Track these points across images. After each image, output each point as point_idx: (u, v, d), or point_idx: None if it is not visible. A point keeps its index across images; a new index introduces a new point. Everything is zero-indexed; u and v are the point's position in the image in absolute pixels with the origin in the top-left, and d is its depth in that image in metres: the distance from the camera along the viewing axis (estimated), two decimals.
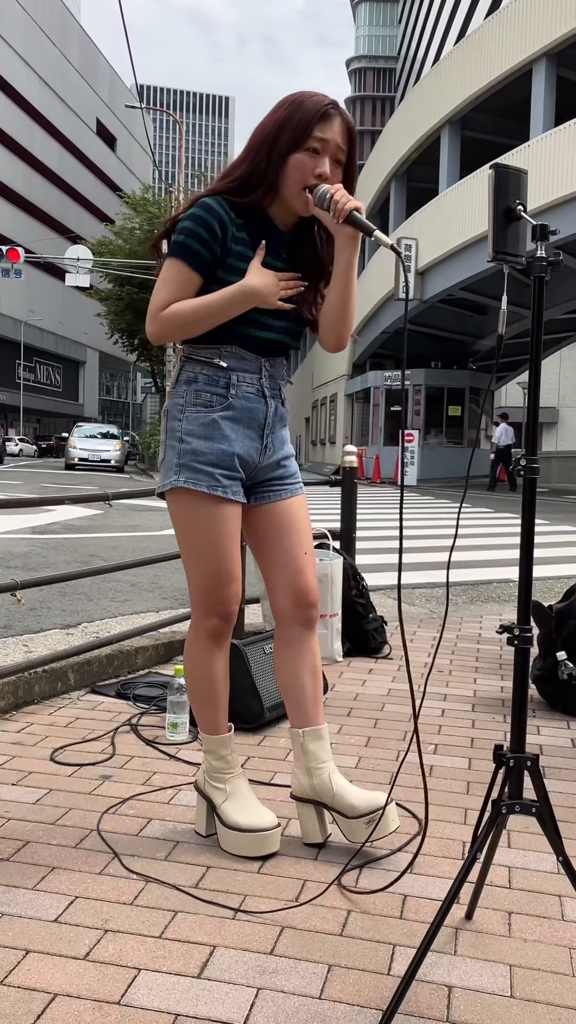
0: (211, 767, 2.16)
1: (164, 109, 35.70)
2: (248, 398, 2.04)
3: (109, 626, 4.36)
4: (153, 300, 1.96)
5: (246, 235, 1.97)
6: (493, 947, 1.72)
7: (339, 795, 2.11)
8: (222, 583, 2.06)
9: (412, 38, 64.53)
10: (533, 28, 19.40)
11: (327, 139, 1.93)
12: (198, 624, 2.11)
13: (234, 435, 2.03)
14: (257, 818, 2.08)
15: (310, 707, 2.16)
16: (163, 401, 26.67)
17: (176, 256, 1.94)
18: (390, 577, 6.58)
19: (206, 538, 2.03)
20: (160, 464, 2.09)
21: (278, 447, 2.14)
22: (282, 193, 1.97)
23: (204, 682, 2.14)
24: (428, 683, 3.67)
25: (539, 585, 6.43)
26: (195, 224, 1.92)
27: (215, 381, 2.01)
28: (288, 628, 2.16)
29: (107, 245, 32.58)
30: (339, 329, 2.07)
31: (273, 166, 1.94)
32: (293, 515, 2.15)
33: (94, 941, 1.69)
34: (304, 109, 1.92)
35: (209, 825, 2.16)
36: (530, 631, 1.66)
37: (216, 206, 1.93)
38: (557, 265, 1.60)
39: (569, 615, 3.36)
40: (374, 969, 1.64)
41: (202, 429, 2.01)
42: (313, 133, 1.91)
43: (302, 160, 1.93)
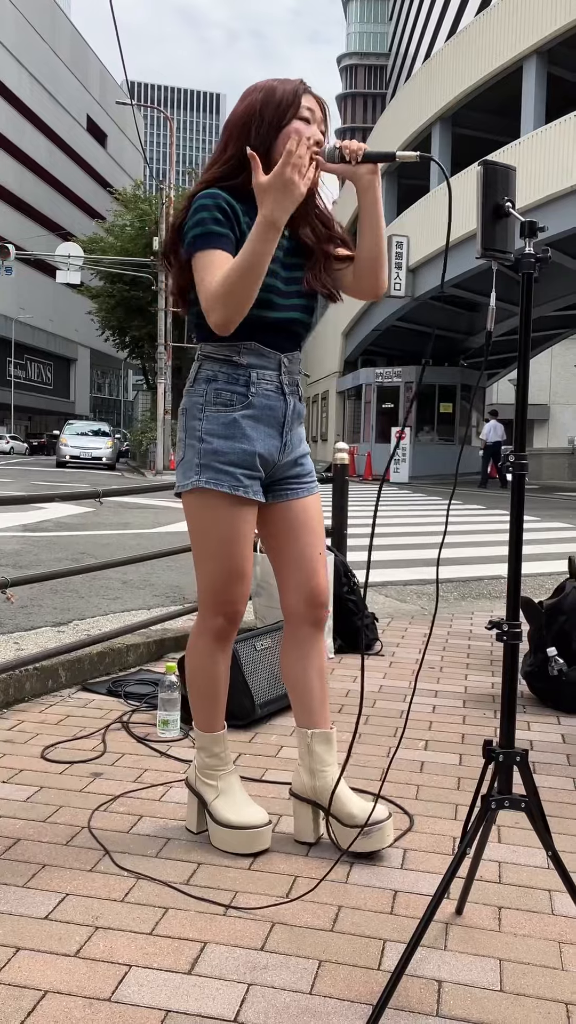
0: (203, 764, 2.16)
1: (155, 106, 35.59)
2: (268, 396, 2.02)
3: (100, 624, 4.35)
4: (202, 292, 1.88)
5: (248, 219, 1.95)
6: (483, 942, 1.73)
7: (339, 802, 2.10)
8: (232, 583, 2.04)
9: (403, 34, 64.54)
10: (524, 25, 19.42)
11: (313, 110, 1.97)
12: (204, 622, 2.09)
13: (255, 434, 2.01)
14: (248, 815, 2.08)
15: (318, 709, 2.16)
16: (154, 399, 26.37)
17: (204, 247, 1.90)
18: (382, 574, 6.59)
19: (223, 538, 2.01)
20: (178, 463, 2.07)
21: (296, 445, 2.12)
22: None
23: (205, 680, 2.13)
24: (420, 679, 3.68)
25: (530, 582, 6.45)
26: (208, 212, 1.91)
27: (235, 379, 2.00)
28: (299, 627, 2.16)
29: (98, 242, 32.50)
30: (376, 272, 2.04)
31: (263, 141, 1.93)
32: (309, 515, 2.14)
33: (85, 938, 1.69)
34: (284, 86, 1.95)
35: (200, 822, 2.16)
36: (519, 627, 1.66)
37: (217, 192, 1.93)
38: (545, 262, 1.60)
39: (559, 611, 3.37)
40: (364, 964, 1.64)
41: (223, 429, 1.99)
42: (301, 104, 1.95)
43: (298, 127, 1.93)
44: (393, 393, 28.78)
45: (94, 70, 63.49)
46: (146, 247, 28.34)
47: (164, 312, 25.42)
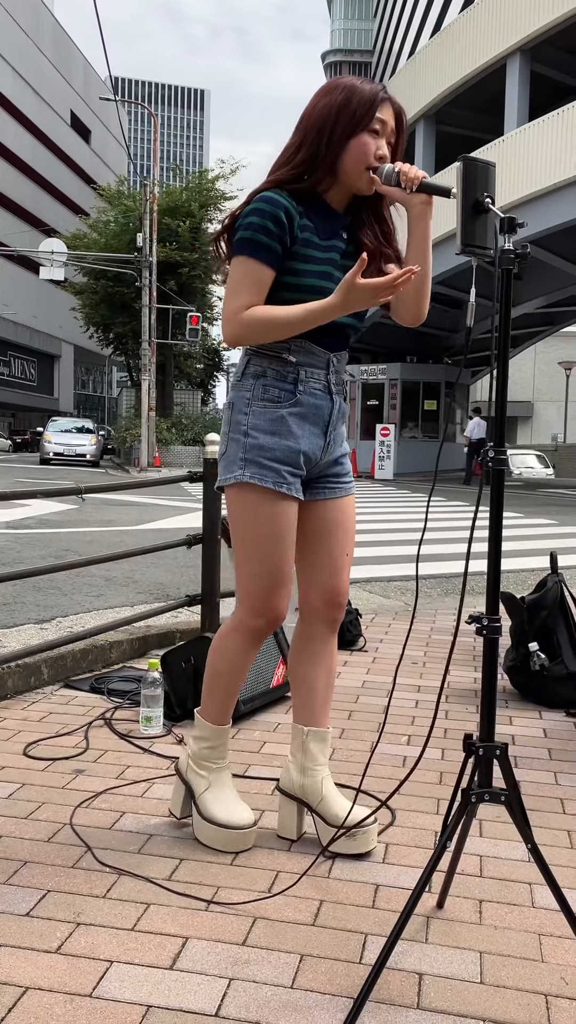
0: (199, 753, 2.14)
1: (139, 102, 35.39)
2: (315, 395, 2.01)
3: (83, 620, 4.34)
4: (229, 303, 1.91)
5: (309, 222, 1.95)
6: (464, 935, 1.74)
7: (326, 802, 2.11)
8: (276, 585, 2.01)
9: (387, 32, 64.49)
10: (508, 23, 19.47)
11: (385, 121, 1.94)
12: (243, 621, 2.05)
13: (300, 432, 2.00)
14: (236, 815, 2.07)
15: (319, 708, 2.16)
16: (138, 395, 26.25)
17: (247, 253, 1.90)
18: (365, 570, 6.61)
19: (266, 535, 1.99)
20: (221, 457, 2.05)
21: (338, 444, 2.11)
22: (342, 175, 1.95)
23: (228, 674, 2.10)
24: (402, 675, 3.69)
25: (512, 577, 6.48)
26: (261, 218, 1.89)
27: (283, 376, 1.98)
28: (313, 625, 2.15)
29: (82, 238, 32.34)
30: (419, 303, 2.02)
31: (334, 148, 1.92)
32: (343, 515, 2.13)
33: (66, 934, 1.69)
34: (362, 93, 1.91)
35: (184, 809, 2.16)
36: (499, 621, 1.67)
37: (279, 197, 1.91)
38: (525, 258, 1.61)
39: (541, 606, 3.39)
40: (346, 958, 1.65)
41: (269, 424, 1.98)
42: (375, 115, 1.92)
43: (365, 141, 1.91)
44: (378, 390, 28.82)
45: (77, 66, 63.17)
46: (130, 243, 28.22)
47: (148, 308, 25.33)
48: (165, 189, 31.02)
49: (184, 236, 28.97)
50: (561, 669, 3.27)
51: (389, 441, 24.45)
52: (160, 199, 27.83)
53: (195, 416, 33.05)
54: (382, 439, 24.46)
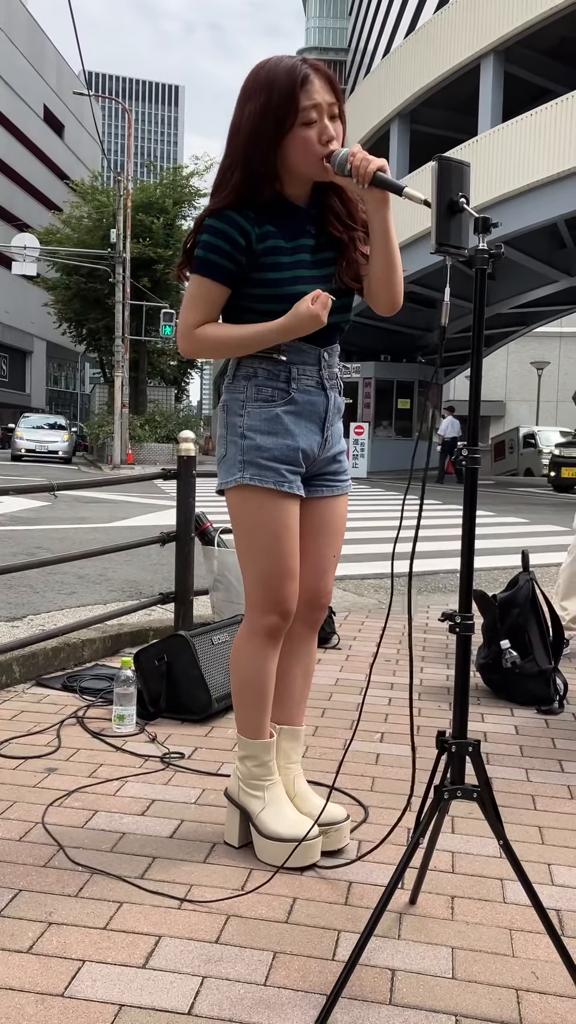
0: (249, 773, 2.08)
1: (113, 97, 35.20)
2: (308, 391, 2.00)
3: (55, 618, 4.31)
4: (182, 317, 1.94)
5: (271, 227, 1.92)
6: (436, 930, 1.75)
7: (299, 799, 2.10)
8: (284, 581, 2.00)
9: (362, 30, 64.62)
10: (482, 24, 19.56)
11: (318, 103, 1.83)
12: (255, 623, 2.03)
13: (297, 429, 1.99)
14: (298, 827, 2.00)
15: (294, 706, 2.15)
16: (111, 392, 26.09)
17: (200, 272, 1.90)
18: (340, 568, 6.61)
19: (270, 535, 1.98)
20: (220, 461, 2.04)
21: (336, 440, 2.10)
22: (293, 172, 1.90)
23: (256, 683, 2.05)
24: (376, 672, 3.70)
25: (484, 575, 6.52)
26: (213, 236, 1.88)
27: (275, 375, 1.97)
28: (294, 624, 2.13)
29: (55, 234, 32.13)
30: (390, 292, 1.98)
31: (269, 155, 1.85)
32: (335, 515, 2.12)
33: (38, 934, 1.68)
34: (279, 86, 1.81)
35: (243, 835, 2.08)
36: (471, 618, 1.68)
37: (232, 214, 1.87)
38: (499, 257, 1.62)
39: (512, 604, 3.41)
40: (319, 955, 1.65)
41: (265, 424, 1.97)
42: (301, 106, 1.81)
43: (304, 136, 1.83)
44: (351, 389, 28.86)
45: (50, 60, 62.66)
46: (103, 239, 28.08)
47: (122, 305, 25.20)
48: (139, 185, 30.89)
49: (158, 232, 28.87)
50: (532, 666, 3.30)
51: (363, 440, 24.51)
52: (134, 195, 27.71)
53: (169, 413, 32.93)
54: (356, 437, 24.50)
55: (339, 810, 2.10)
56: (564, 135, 16.81)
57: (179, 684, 2.99)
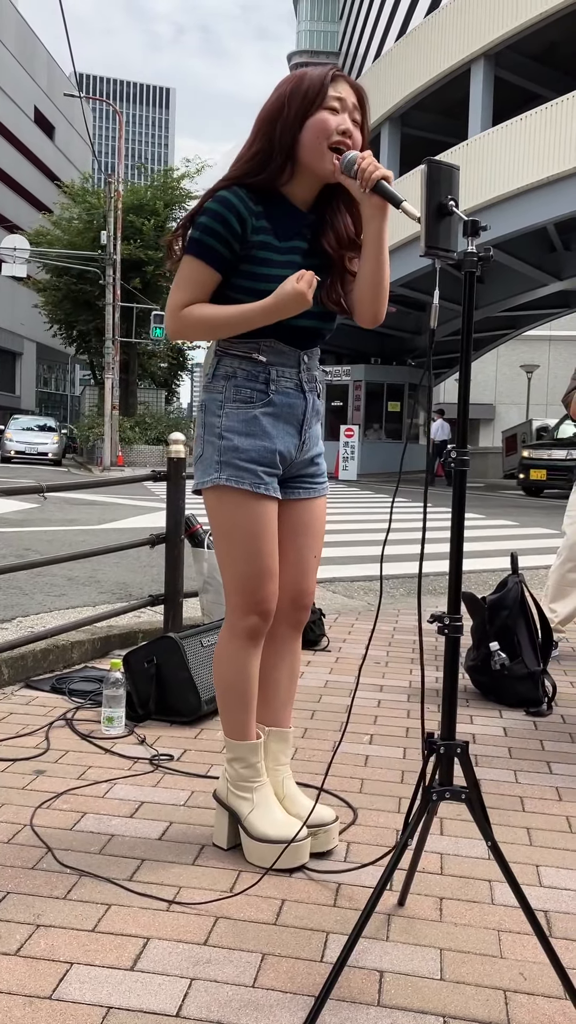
0: (238, 775, 2.08)
1: (104, 99, 35.13)
2: (287, 393, 2.00)
3: (44, 620, 4.30)
4: (172, 298, 1.93)
5: (267, 223, 1.92)
6: (424, 932, 1.75)
7: (288, 801, 2.10)
8: (263, 581, 2.00)
9: (353, 34, 64.79)
10: (472, 28, 19.62)
11: (343, 97, 1.89)
12: (236, 624, 2.03)
13: (275, 431, 1.99)
14: (287, 829, 2.00)
15: (281, 708, 2.15)
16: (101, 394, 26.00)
17: (193, 254, 1.89)
18: (329, 570, 6.62)
19: (247, 536, 1.98)
20: (197, 460, 2.03)
21: (313, 443, 2.10)
22: (302, 159, 1.90)
23: (239, 685, 2.05)
24: (365, 674, 3.71)
25: (474, 578, 6.53)
26: (211, 219, 1.87)
27: (254, 376, 1.97)
28: (277, 625, 2.14)
29: (45, 235, 32.05)
30: (375, 303, 1.98)
31: (289, 131, 1.87)
32: (314, 516, 2.13)
33: (25, 936, 1.67)
34: (311, 75, 1.88)
35: (232, 837, 2.08)
36: (460, 620, 1.69)
37: (233, 199, 1.88)
38: (488, 260, 1.62)
39: (501, 606, 3.42)
40: (307, 957, 1.65)
41: (243, 426, 1.97)
42: (328, 92, 1.87)
43: (323, 118, 1.86)
44: (342, 391, 28.90)
45: (41, 61, 62.52)
46: (94, 241, 28.03)
47: (112, 307, 25.16)
48: (130, 187, 30.85)
49: (148, 234, 28.84)
50: (521, 668, 3.31)
51: (353, 442, 24.54)
52: (125, 197, 27.67)
53: (159, 415, 32.91)
54: (346, 440, 24.54)
55: (328, 812, 2.10)
56: (554, 139, 16.88)
57: (168, 686, 2.99)
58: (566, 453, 17.90)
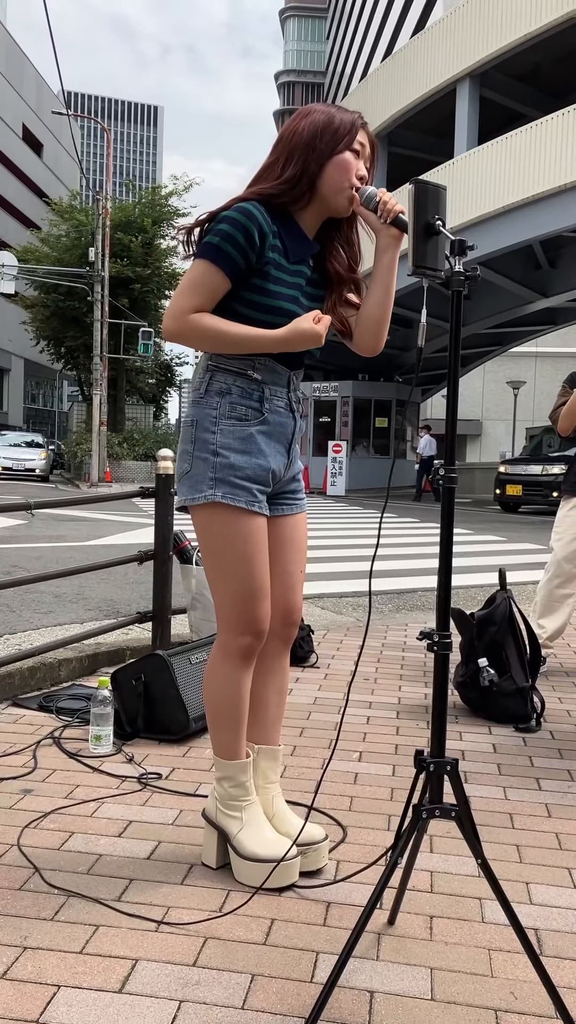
0: (227, 795, 2.07)
1: (92, 116, 35.21)
2: (279, 412, 2.02)
3: (32, 638, 4.28)
4: (178, 298, 1.90)
5: (280, 243, 1.96)
6: (415, 951, 1.74)
7: (278, 819, 2.09)
8: (257, 601, 2.00)
9: (340, 54, 65.40)
10: (457, 49, 19.83)
11: (364, 144, 1.99)
12: (229, 644, 2.02)
13: (268, 449, 2.00)
14: (276, 848, 1.99)
15: (270, 725, 2.15)
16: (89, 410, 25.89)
17: (209, 258, 1.89)
18: (318, 586, 6.62)
19: (242, 554, 1.97)
20: (183, 476, 2.02)
21: (295, 460, 2.13)
22: (321, 192, 1.96)
23: (231, 705, 2.04)
24: (354, 691, 3.70)
25: (462, 593, 6.54)
26: (233, 228, 1.88)
27: (249, 394, 1.98)
28: (268, 642, 2.13)
29: (33, 252, 32.07)
30: (378, 332, 2.07)
31: (317, 164, 1.94)
32: (297, 531, 2.14)
33: (12, 959, 1.66)
34: (343, 115, 1.97)
35: (220, 856, 2.07)
36: (449, 637, 1.69)
37: (257, 213, 1.90)
38: (475, 279, 1.64)
39: (490, 622, 3.43)
40: (297, 977, 1.64)
41: (240, 443, 1.97)
42: (356, 137, 1.97)
43: (348, 159, 1.95)
44: (330, 407, 28.98)
45: (30, 79, 62.79)
46: (82, 258, 28.06)
47: (100, 323, 25.18)
48: (118, 204, 30.95)
49: (137, 252, 28.91)
50: (510, 684, 3.31)
51: (341, 458, 24.58)
52: (113, 214, 27.75)
53: (147, 431, 32.86)
54: (334, 455, 24.58)
55: (317, 830, 2.09)
56: (539, 158, 17.05)
57: (157, 704, 2.97)
58: (542, 468, 17.96)
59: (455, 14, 20.24)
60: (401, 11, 44.30)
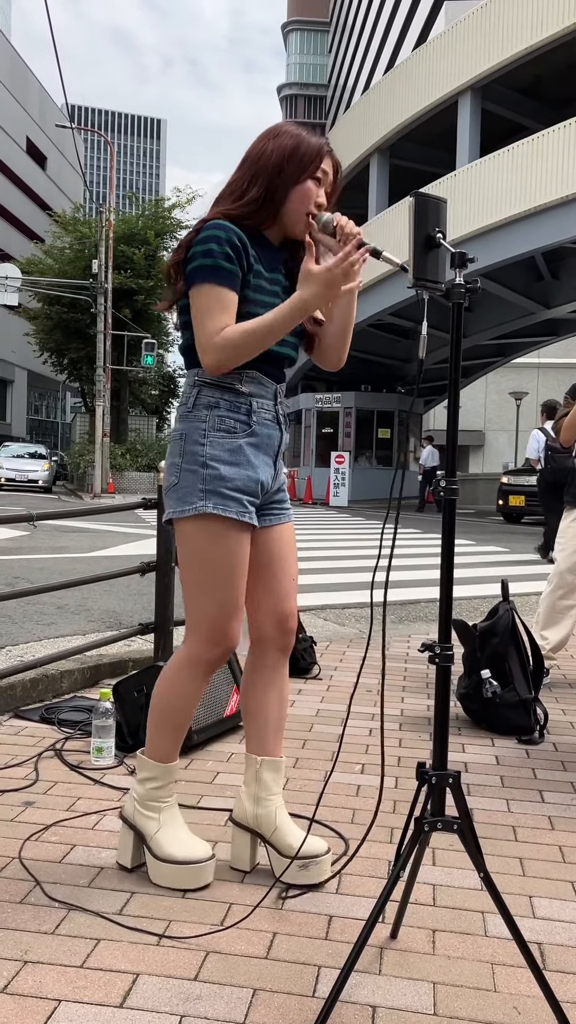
0: (147, 795, 2.09)
1: (95, 129, 35.40)
2: (267, 424, 2.04)
3: (34, 649, 4.28)
4: (204, 330, 1.91)
5: (256, 253, 1.99)
6: (417, 965, 1.73)
7: (280, 832, 2.09)
8: (233, 614, 2.01)
9: (342, 67, 65.76)
10: (459, 62, 19.94)
11: (327, 172, 2.02)
12: (198, 655, 2.02)
13: (257, 461, 2.02)
14: (192, 850, 2.02)
15: (271, 737, 2.15)
16: (92, 421, 25.95)
17: (209, 281, 1.91)
18: (320, 597, 6.61)
19: (226, 566, 1.98)
20: (171, 488, 2.02)
21: (280, 472, 2.15)
22: (283, 217, 2.01)
23: (179, 710, 2.06)
24: (357, 703, 3.69)
25: (464, 605, 6.53)
26: (220, 245, 1.91)
27: (237, 407, 2.00)
28: (266, 653, 2.14)
29: (36, 264, 32.21)
30: (340, 349, 2.13)
31: (282, 191, 1.98)
32: (287, 541, 2.15)
33: (13, 973, 1.65)
34: (310, 142, 1.99)
35: (136, 857, 2.09)
36: (451, 649, 1.68)
37: (230, 225, 1.94)
38: (475, 292, 1.64)
39: (492, 634, 3.42)
40: (299, 992, 1.63)
41: (229, 455, 1.98)
42: (321, 164, 2.00)
43: (309, 187, 1.99)
44: (332, 418, 29.02)
45: (33, 93, 63.17)
46: (85, 270, 28.19)
47: (103, 335, 25.26)
48: (121, 217, 31.09)
49: (140, 263, 29.02)
50: (512, 696, 3.30)
51: (344, 468, 24.60)
52: (116, 226, 27.87)
53: (150, 442, 32.91)
54: (337, 466, 24.61)
55: (320, 843, 2.09)
56: (540, 170, 17.11)
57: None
58: None
59: (457, 28, 20.36)
60: (403, 25, 44.55)
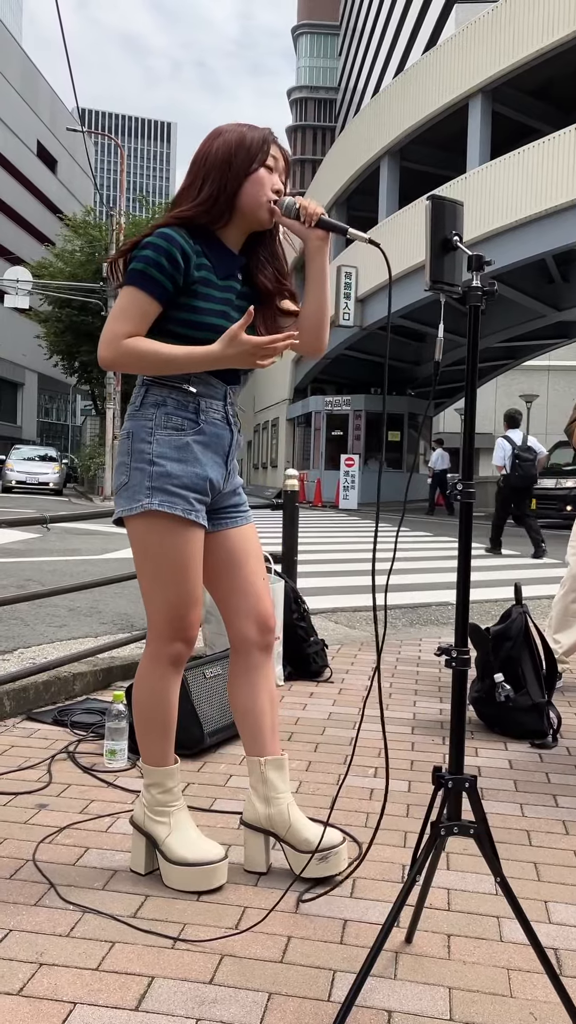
0: (154, 800, 2.10)
1: (106, 133, 35.52)
2: (215, 424, 2.04)
3: (46, 652, 4.28)
4: (110, 327, 1.93)
5: (206, 260, 1.99)
6: (432, 970, 1.73)
7: (294, 828, 2.09)
8: (188, 608, 2.03)
9: (352, 70, 65.86)
10: (470, 65, 19.93)
11: (278, 158, 2.03)
12: (159, 651, 2.05)
13: (204, 459, 2.03)
14: (204, 851, 2.02)
15: (268, 736, 2.15)
16: (102, 424, 26.01)
17: (136, 285, 1.92)
18: (331, 600, 6.61)
19: (176, 563, 2.00)
20: (121, 488, 2.03)
21: (234, 475, 2.15)
22: (240, 210, 2.00)
23: (159, 711, 2.08)
24: (369, 706, 3.68)
25: (477, 608, 6.52)
26: (156, 253, 1.91)
27: (184, 406, 2.00)
28: (249, 655, 2.15)
29: (47, 267, 32.35)
30: (318, 334, 2.13)
31: (234, 183, 1.98)
32: (249, 542, 2.16)
33: (28, 975, 1.65)
34: (254, 133, 2.00)
35: (149, 862, 2.09)
36: (468, 653, 1.68)
37: (177, 236, 1.93)
38: (492, 294, 1.64)
39: (506, 637, 3.41)
40: (314, 996, 1.63)
41: (176, 452, 1.99)
42: (269, 152, 2.01)
43: (262, 175, 1.99)
44: (342, 421, 29.02)
45: (44, 96, 63.43)
46: (95, 272, 28.30)
47: None
48: (132, 219, 31.18)
49: None
50: (526, 700, 3.29)
51: (354, 471, 24.59)
52: (127, 229, 27.94)
53: None
54: (347, 469, 24.60)
55: (335, 834, 2.09)
56: (551, 173, 17.08)
57: None
58: (555, 482, 17.90)
59: (467, 30, 20.36)
60: (413, 28, 44.57)
